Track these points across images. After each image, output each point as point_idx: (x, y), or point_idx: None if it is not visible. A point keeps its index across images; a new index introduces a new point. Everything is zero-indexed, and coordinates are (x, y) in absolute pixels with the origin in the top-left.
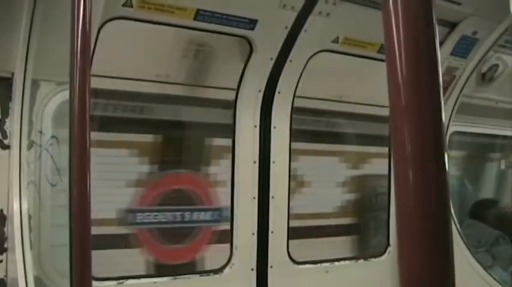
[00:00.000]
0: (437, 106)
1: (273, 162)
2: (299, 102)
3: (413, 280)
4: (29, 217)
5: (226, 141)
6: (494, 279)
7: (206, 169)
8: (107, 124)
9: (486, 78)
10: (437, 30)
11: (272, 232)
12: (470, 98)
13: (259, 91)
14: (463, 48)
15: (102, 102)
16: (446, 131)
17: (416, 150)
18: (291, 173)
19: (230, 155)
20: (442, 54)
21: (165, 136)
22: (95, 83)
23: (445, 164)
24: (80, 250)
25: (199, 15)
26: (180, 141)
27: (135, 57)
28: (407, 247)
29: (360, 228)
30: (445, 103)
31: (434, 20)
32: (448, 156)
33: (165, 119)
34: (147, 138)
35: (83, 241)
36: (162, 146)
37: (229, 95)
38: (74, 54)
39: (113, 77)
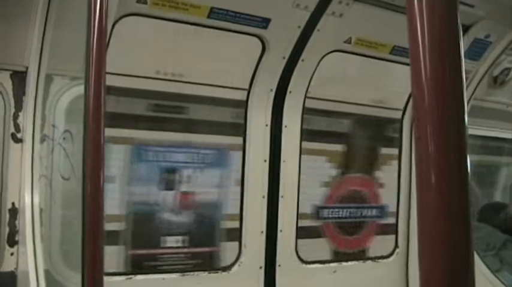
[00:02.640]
0: (460, 108)
1: (284, 161)
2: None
3: (434, 280)
4: (40, 211)
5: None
6: (502, 283)
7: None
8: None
9: (498, 81)
10: None
11: (281, 230)
12: (482, 101)
13: (271, 90)
14: (476, 51)
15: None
16: None
17: (439, 151)
18: None
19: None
20: None
21: None
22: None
23: (466, 165)
24: (92, 244)
25: (213, 13)
26: None
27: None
28: (429, 248)
29: None
30: None
31: (459, 22)
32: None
33: None
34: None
35: (95, 236)
36: None
37: None
38: (89, 50)
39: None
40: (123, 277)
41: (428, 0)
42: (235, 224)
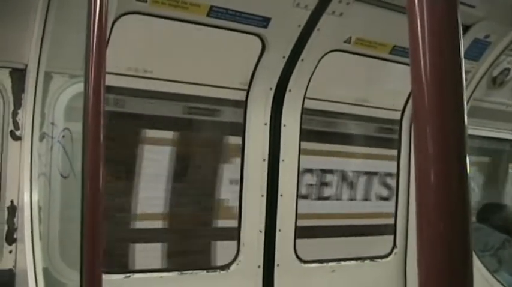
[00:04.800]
0: (460, 108)
1: (282, 160)
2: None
3: (432, 280)
4: (39, 209)
5: None
6: (500, 283)
7: None
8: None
9: (497, 82)
10: None
11: (279, 230)
12: (481, 101)
13: (271, 89)
14: (475, 52)
15: None
16: None
17: (438, 151)
18: None
19: None
20: None
21: None
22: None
23: (466, 165)
24: (91, 242)
25: (213, 11)
26: None
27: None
28: (428, 247)
29: None
30: None
31: (459, 22)
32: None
33: None
34: None
35: (94, 234)
36: None
37: None
38: (89, 48)
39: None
40: (121, 276)
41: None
42: None
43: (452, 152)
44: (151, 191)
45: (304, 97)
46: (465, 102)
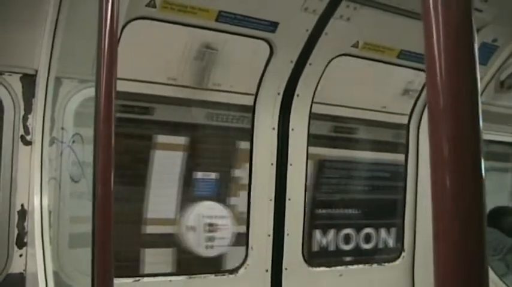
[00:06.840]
0: (475, 112)
1: (290, 164)
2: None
3: (448, 283)
4: (49, 213)
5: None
6: None
7: None
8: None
9: (505, 85)
10: None
11: (288, 234)
12: (488, 105)
13: (278, 94)
14: (483, 56)
15: None
16: None
17: (454, 155)
18: None
19: None
20: None
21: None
22: None
23: (481, 169)
24: (102, 247)
25: (221, 16)
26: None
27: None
28: (444, 253)
29: None
30: None
31: (473, 27)
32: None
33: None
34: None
35: (105, 238)
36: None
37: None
38: (101, 53)
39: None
40: (130, 279)
41: (443, 6)
42: None
43: (468, 156)
44: None
45: (312, 101)
46: (480, 108)
